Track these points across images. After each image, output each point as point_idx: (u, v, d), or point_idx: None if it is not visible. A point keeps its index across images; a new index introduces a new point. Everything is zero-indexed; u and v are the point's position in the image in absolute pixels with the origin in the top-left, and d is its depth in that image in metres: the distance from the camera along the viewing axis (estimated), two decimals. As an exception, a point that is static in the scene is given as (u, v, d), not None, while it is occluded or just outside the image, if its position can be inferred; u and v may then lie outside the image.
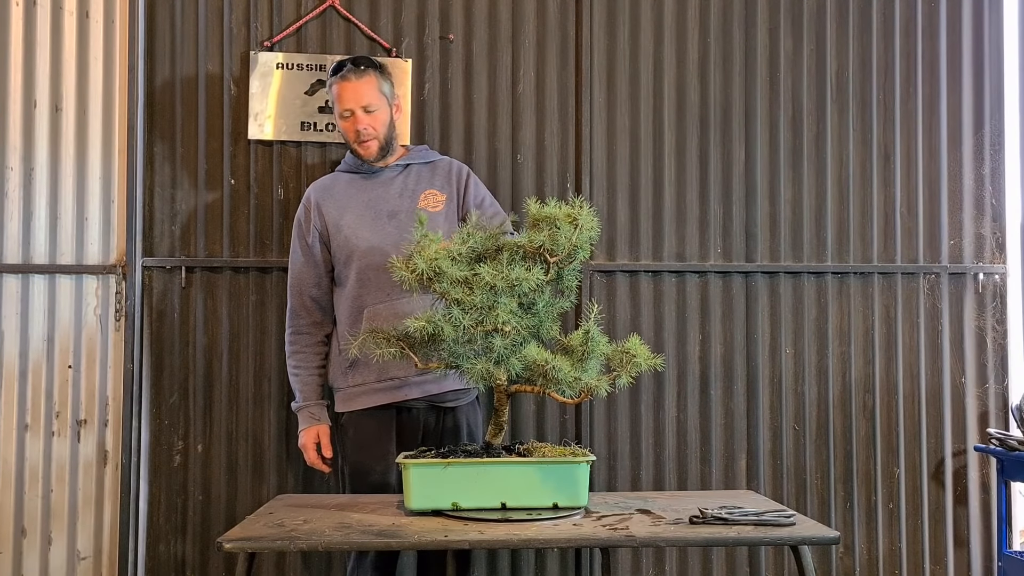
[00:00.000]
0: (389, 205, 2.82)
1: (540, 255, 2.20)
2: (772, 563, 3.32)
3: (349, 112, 2.80)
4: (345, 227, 2.80)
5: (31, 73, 3.12)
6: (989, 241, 3.46)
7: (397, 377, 2.75)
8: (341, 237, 2.80)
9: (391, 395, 2.77)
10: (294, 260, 2.88)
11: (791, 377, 3.37)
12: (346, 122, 2.82)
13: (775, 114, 3.39)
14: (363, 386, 2.78)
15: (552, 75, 3.31)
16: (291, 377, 2.89)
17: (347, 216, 2.82)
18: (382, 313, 2.71)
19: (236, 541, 1.98)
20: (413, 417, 2.82)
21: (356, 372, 2.78)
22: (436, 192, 2.86)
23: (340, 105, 2.82)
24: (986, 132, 3.47)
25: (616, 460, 3.28)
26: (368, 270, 2.76)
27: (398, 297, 2.70)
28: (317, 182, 2.94)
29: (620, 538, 2.02)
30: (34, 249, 3.11)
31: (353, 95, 2.79)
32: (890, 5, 3.45)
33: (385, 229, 2.78)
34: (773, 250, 3.37)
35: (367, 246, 2.77)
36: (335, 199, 2.86)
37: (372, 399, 2.78)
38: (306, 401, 2.85)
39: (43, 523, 3.08)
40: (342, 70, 2.82)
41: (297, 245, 2.88)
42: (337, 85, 2.82)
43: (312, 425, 2.84)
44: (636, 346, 2.17)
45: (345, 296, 2.81)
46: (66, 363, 3.11)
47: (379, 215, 2.81)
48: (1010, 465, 3.21)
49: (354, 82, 2.79)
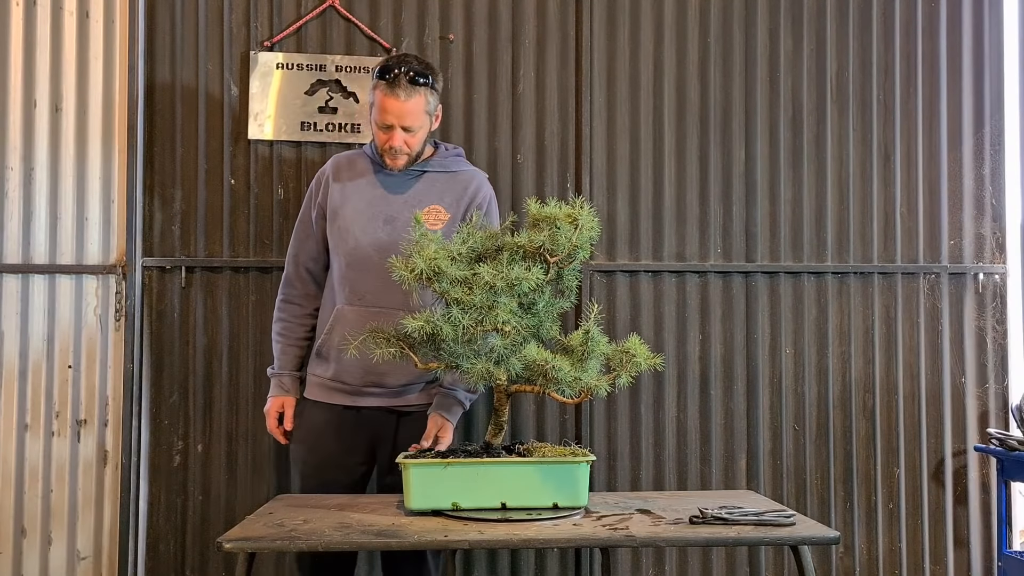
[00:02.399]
0: (390, 209, 2.72)
1: (540, 255, 2.20)
2: (772, 563, 3.32)
3: (388, 126, 2.63)
4: (341, 217, 2.73)
5: (31, 73, 3.12)
6: (989, 241, 3.46)
7: (348, 383, 2.70)
8: (335, 226, 2.74)
9: (341, 397, 2.72)
10: (298, 229, 2.84)
11: (791, 377, 3.37)
12: (382, 132, 2.65)
13: (775, 114, 3.39)
14: (319, 378, 2.75)
15: (552, 75, 3.31)
16: (274, 343, 2.85)
17: (347, 207, 2.74)
18: (350, 315, 2.67)
19: (236, 541, 1.98)
20: (365, 417, 2.73)
21: (318, 362, 2.75)
22: (441, 209, 2.73)
23: (380, 116, 2.63)
24: (986, 132, 3.47)
25: (616, 460, 3.28)
26: (349, 269, 2.70)
27: (370, 304, 2.65)
28: (338, 157, 2.85)
29: (620, 538, 2.02)
30: (34, 249, 3.11)
31: (397, 113, 2.61)
32: (890, 5, 3.45)
33: (377, 233, 2.70)
34: (773, 250, 3.37)
35: (354, 245, 2.70)
36: (343, 183, 2.76)
37: (323, 394, 2.75)
38: (280, 369, 2.82)
39: (43, 523, 3.08)
40: (394, 79, 2.60)
41: (303, 215, 2.84)
42: (382, 95, 2.61)
43: (279, 395, 2.81)
44: (636, 346, 2.17)
45: (329, 284, 2.79)
46: (66, 363, 3.11)
47: (375, 216, 2.72)
48: (1010, 465, 3.21)
49: (403, 101, 2.59)
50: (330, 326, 2.70)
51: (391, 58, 2.71)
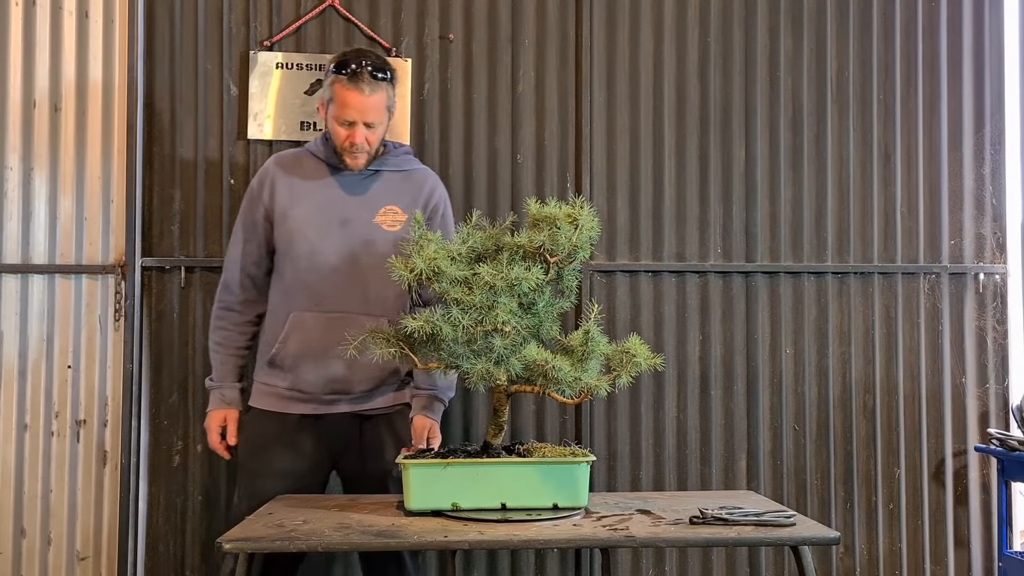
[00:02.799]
0: (344, 211, 2.60)
1: (540, 255, 2.19)
2: (772, 563, 3.32)
3: (350, 122, 2.54)
4: (291, 220, 2.60)
5: (30, 73, 3.12)
6: (989, 241, 3.46)
7: (307, 392, 2.60)
8: (285, 229, 2.61)
9: (298, 406, 2.61)
10: (237, 232, 2.70)
11: (791, 377, 3.36)
12: (343, 129, 2.55)
13: (775, 114, 3.38)
14: (272, 387, 2.63)
15: (552, 75, 3.31)
16: (211, 353, 2.72)
17: (297, 209, 2.60)
18: (307, 322, 2.57)
19: (236, 541, 1.97)
20: (326, 425, 2.63)
21: (270, 372, 2.62)
22: (398, 210, 2.62)
23: (341, 111, 2.53)
24: (986, 132, 3.47)
25: (616, 460, 3.28)
26: (303, 273, 2.59)
27: (328, 309, 2.57)
28: (281, 156, 2.73)
29: (620, 538, 2.02)
30: (33, 249, 3.11)
31: (360, 108, 2.52)
32: (890, 5, 3.45)
33: (333, 237, 2.58)
34: (773, 250, 3.37)
35: (309, 248, 2.58)
36: (291, 184, 2.63)
37: (278, 404, 2.62)
38: (220, 381, 2.69)
39: (42, 523, 3.08)
40: (354, 74, 2.51)
41: (243, 217, 2.69)
42: (344, 90, 2.52)
43: (221, 408, 2.68)
44: (636, 346, 2.16)
45: (277, 289, 2.65)
46: (65, 363, 3.11)
47: (330, 220, 2.59)
48: (1010, 465, 3.20)
49: (367, 96, 2.51)
50: (286, 334, 2.58)
51: (347, 53, 2.60)
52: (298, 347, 2.58)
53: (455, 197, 3.24)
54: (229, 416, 2.68)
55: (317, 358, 2.57)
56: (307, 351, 2.58)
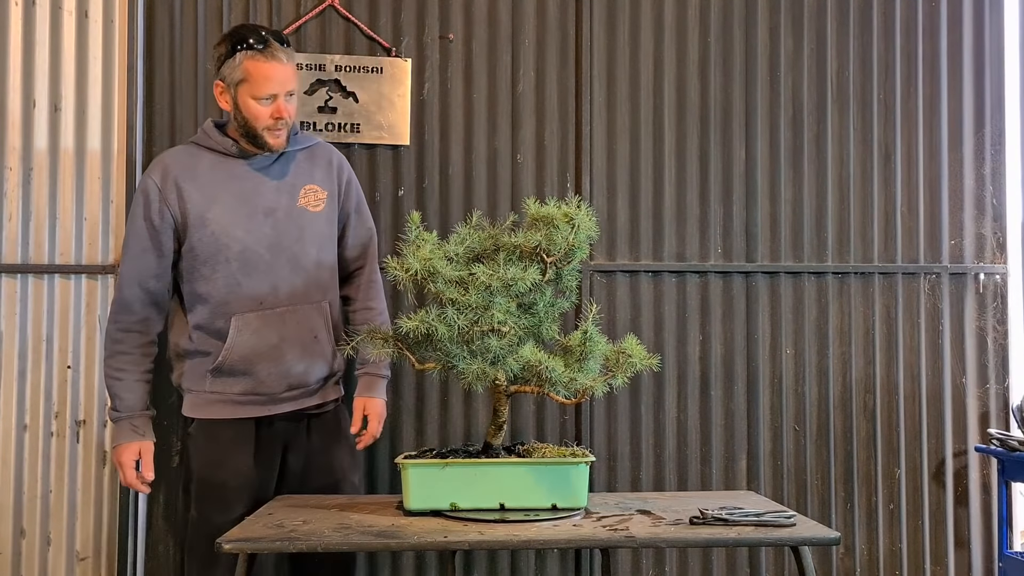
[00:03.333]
0: (265, 200, 2.51)
1: (537, 255, 2.19)
2: (772, 564, 3.32)
3: (271, 97, 2.44)
4: (212, 222, 2.46)
5: (30, 73, 3.12)
6: (990, 241, 3.45)
7: (265, 393, 2.52)
8: (206, 232, 2.46)
9: (255, 410, 2.53)
10: (133, 244, 2.49)
11: (791, 377, 3.36)
12: (263, 107, 2.44)
13: (775, 114, 3.38)
14: (223, 395, 2.52)
15: (552, 75, 3.30)
16: (109, 381, 2.52)
17: (215, 209, 2.47)
18: (252, 323, 2.49)
19: (236, 541, 1.97)
20: (277, 427, 2.58)
21: (218, 380, 2.51)
22: (317, 188, 2.58)
23: (261, 87, 2.41)
24: (987, 132, 3.46)
25: (616, 460, 3.28)
26: (239, 274, 2.48)
27: (271, 307, 2.50)
28: (171, 156, 2.56)
29: (620, 539, 2.02)
30: (33, 249, 3.11)
31: (281, 79, 2.43)
32: (890, 5, 3.44)
33: (261, 229, 2.50)
34: (773, 250, 3.37)
35: (240, 247, 2.48)
36: (199, 184, 2.48)
37: (232, 410, 2.52)
38: (128, 411, 2.50)
39: (42, 523, 3.08)
40: (266, 44, 2.42)
41: (141, 227, 2.48)
42: (260, 63, 2.42)
43: (134, 440, 2.48)
44: (632, 346, 2.17)
45: (204, 296, 2.50)
46: (65, 363, 3.11)
47: (253, 212, 2.50)
48: (1011, 465, 3.20)
49: (285, 64, 2.44)
50: (231, 340, 2.48)
51: (241, 28, 2.52)
52: (248, 350, 2.50)
53: (455, 197, 3.25)
54: (144, 448, 2.51)
55: (270, 357, 2.52)
56: (259, 352, 2.51)
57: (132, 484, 2.53)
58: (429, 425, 3.21)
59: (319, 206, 2.59)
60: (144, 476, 2.52)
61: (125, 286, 2.51)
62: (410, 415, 3.21)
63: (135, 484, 2.53)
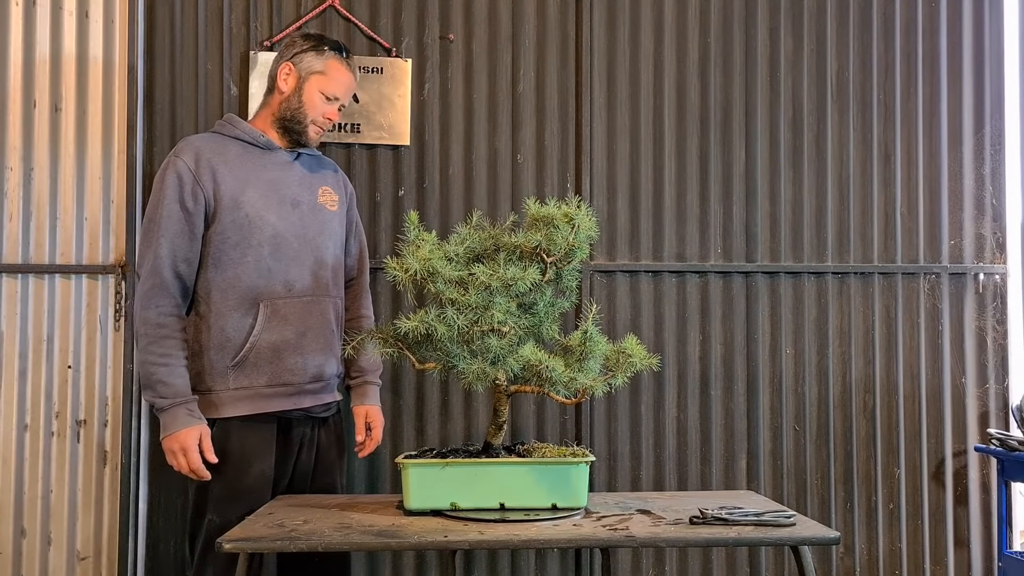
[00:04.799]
0: (292, 192, 2.57)
1: (537, 255, 2.19)
2: (772, 563, 3.32)
3: (335, 99, 2.62)
4: (247, 204, 2.48)
5: (30, 73, 3.12)
6: (989, 241, 3.46)
7: (292, 383, 2.51)
8: (240, 215, 2.47)
9: (281, 402, 2.50)
10: (167, 226, 2.44)
11: (791, 377, 3.36)
12: (326, 106, 2.61)
13: (775, 114, 3.38)
14: (249, 389, 2.47)
15: (552, 75, 3.31)
16: (153, 368, 2.41)
17: (249, 192, 2.50)
18: (281, 309, 2.49)
19: (236, 541, 1.97)
20: (290, 429, 2.57)
21: (243, 372, 2.47)
22: (331, 191, 2.68)
23: (331, 86, 2.60)
24: (986, 132, 3.47)
25: (616, 460, 3.28)
26: (270, 259, 2.49)
27: (298, 294, 2.52)
28: (199, 140, 2.56)
29: (620, 538, 2.02)
30: (33, 249, 3.11)
31: (348, 88, 2.66)
32: (890, 5, 3.45)
33: (290, 218, 2.54)
34: (773, 250, 3.37)
35: (272, 232, 2.50)
36: (231, 168, 2.51)
37: (258, 405, 2.48)
38: (181, 397, 2.42)
39: (43, 523, 3.08)
40: (347, 55, 2.67)
41: (174, 209, 2.44)
42: (339, 66, 2.63)
43: (193, 425, 2.40)
44: (632, 346, 2.17)
45: (231, 282, 2.47)
46: (66, 363, 3.11)
47: (283, 200, 2.54)
48: (1010, 465, 3.20)
49: (354, 80, 2.69)
50: (260, 326, 2.47)
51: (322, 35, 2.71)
52: (276, 336, 2.49)
53: (455, 197, 3.25)
54: (204, 432, 2.43)
55: (296, 346, 2.52)
56: (286, 339, 2.51)
57: (197, 469, 2.42)
58: (429, 425, 3.22)
59: (334, 207, 2.68)
60: (210, 459, 2.43)
61: (163, 269, 2.44)
62: (410, 415, 3.21)
63: (200, 469, 2.42)
